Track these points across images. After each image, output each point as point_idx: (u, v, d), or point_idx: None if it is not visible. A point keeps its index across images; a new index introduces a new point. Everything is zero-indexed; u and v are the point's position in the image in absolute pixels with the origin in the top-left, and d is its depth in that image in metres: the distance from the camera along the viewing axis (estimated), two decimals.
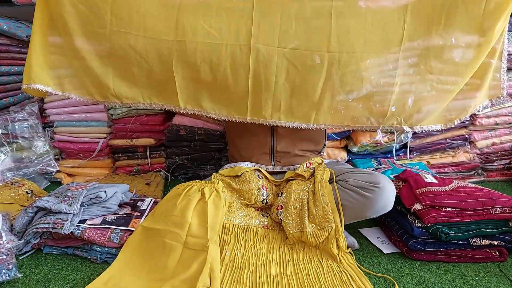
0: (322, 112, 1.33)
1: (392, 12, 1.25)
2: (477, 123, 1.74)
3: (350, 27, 1.24)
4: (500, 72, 1.35)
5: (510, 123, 1.78)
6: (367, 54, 1.27)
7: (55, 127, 1.79)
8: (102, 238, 1.15)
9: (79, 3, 1.26)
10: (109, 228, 1.18)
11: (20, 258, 1.18)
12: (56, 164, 1.77)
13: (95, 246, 1.16)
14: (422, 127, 1.37)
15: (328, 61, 1.26)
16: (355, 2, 1.27)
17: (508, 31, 1.70)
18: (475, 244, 1.16)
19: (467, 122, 1.75)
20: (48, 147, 1.75)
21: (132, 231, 1.17)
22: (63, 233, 1.13)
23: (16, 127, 1.69)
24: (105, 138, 1.80)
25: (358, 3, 1.27)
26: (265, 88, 1.29)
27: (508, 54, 1.64)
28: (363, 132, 1.74)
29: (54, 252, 1.20)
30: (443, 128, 1.41)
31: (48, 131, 1.80)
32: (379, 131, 1.69)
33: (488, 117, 1.75)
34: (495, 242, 1.17)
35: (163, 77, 1.31)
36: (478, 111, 1.69)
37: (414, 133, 1.74)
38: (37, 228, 1.15)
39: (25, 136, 1.71)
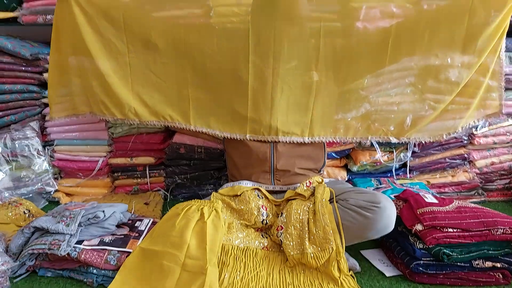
0: (316, 127, 1.42)
1: (378, 32, 1.30)
2: (476, 142, 1.74)
3: (337, 48, 1.34)
4: (497, 91, 1.38)
5: (508, 143, 1.78)
6: (353, 73, 1.37)
7: (55, 145, 1.79)
8: (99, 260, 1.13)
9: (96, 32, 1.39)
10: (106, 249, 1.16)
11: (14, 281, 1.15)
12: (55, 183, 1.76)
13: (91, 268, 1.14)
14: (409, 138, 1.43)
15: (317, 79, 1.37)
16: (353, 23, 1.33)
17: (506, 51, 1.72)
18: (478, 266, 1.15)
19: (465, 142, 1.75)
20: (47, 165, 1.74)
21: (129, 252, 1.15)
22: (59, 254, 1.11)
23: (16, 145, 1.69)
24: (105, 156, 1.80)
25: (355, 23, 1.33)
26: (263, 106, 1.39)
27: (506, 75, 1.66)
28: (362, 151, 1.74)
29: (49, 275, 1.18)
30: (431, 141, 1.46)
31: (48, 149, 1.79)
32: (378, 149, 1.69)
33: (486, 136, 1.75)
34: (498, 265, 1.15)
35: (178, 98, 1.46)
36: (476, 129, 1.70)
37: (413, 152, 1.74)
38: (33, 249, 1.13)
39: (25, 154, 1.70)
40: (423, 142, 1.47)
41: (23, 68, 1.73)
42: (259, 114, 1.40)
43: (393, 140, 1.44)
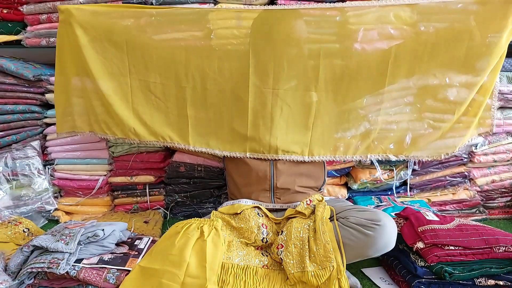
0: (316, 146, 1.43)
1: (376, 53, 1.33)
2: (476, 160, 1.75)
3: (336, 69, 1.35)
4: (491, 110, 1.41)
5: (508, 161, 1.79)
6: (352, 93, 1.39)
7: (56, 164, 1.79)
8: (98, 278, 1.12)
9: (99, 54, 1.41)
10: (105, 267, 1.15)
11: None
12: (54, 202, 1.76)
13: (90, 287, 1.13)
14: (408, 156, 1.44)
15: (316, 99, 1.39)
16: (351, 44, 1.35)
17: (504, 71, 1.75)
18: (480, 284, 1.13)
19: (465, 160, 1.76)
20: (47, 184, 1.75)
21: (129, 271, 1.14)
22: (58, 273, 1.10)
23: (17, 164, 1.70)
24: (105, 175, 1.80)
25: (354, 45, 1.35)
26: (263, 125, 1.40)
27: (502, 93, 1.68)
28: (362, 169, 1.74)
29: None
30: (429, 160, 1.45)
31: (48, 168, 1.80)
32: (378, 167, 1.70)
33: (486, 154, 1.76)
34: (501, 283, 1.14)
35: (178, 118, 1.48)
36: (476, 147, 1.71)
37: (414, 170, 1.75)
38: (32, 267, 1.12)
39: (25, 173, 1.71)
40: (423, 160, 1.48)
41: (26, 89, 1.76)
42: (259, 133, 1.41)
43: (392, 158, 1.45)
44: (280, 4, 1.59)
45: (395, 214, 1.40)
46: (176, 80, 1.43)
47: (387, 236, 1.15)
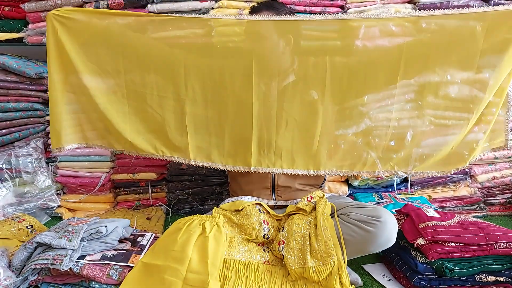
0: (322, 155, 1.37)
1: (387, 52, 1.31)
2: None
3: (345, 71, 1.31)
4: (503, 124, 1.32)
5: (509, 157, 1.79)
6: (354, 91, 1.34)
7: (59, 161, 1.80)
8: (101, 275, 1.13)
9: (91, 62, 1.33)
10: (108, 264, 1.16)
11: None
12: (57, 199, 1.77)
13: (93, 283, 1.14)
14: (417, 172, 1.38)
15: (323, 109, 1.34)
16: (352, 42, 1.34)
17: None
18: (481, 280, 1.14)
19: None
20: (50, 181, 1.76)
21: (131, 267, 1.15)
22: (61, 269, 1.11)
23: (20, 162, 1.71)
24: (107, 172, 1.81)
25: (355, 42, 1.34)
26: (267, 138, 1.36)
27: None
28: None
29: None
30: (439, 175, 1.40)
31: (51, 165, 1.81)
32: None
33: None
34: (501, 279, 1.15)
35: (176, 131, 1.40)
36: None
37: None
38: (35, 264, 1.13)
39: (28, 170, 1.72)
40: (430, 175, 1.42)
41: (28, 87, 1.77)
42: (264, 146, 1.36)
43: (401, 173, 1.38)
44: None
45: (395, 210, 1.41)
46: (174, 93, 1.35)
47: (388, 232, 1.15)
